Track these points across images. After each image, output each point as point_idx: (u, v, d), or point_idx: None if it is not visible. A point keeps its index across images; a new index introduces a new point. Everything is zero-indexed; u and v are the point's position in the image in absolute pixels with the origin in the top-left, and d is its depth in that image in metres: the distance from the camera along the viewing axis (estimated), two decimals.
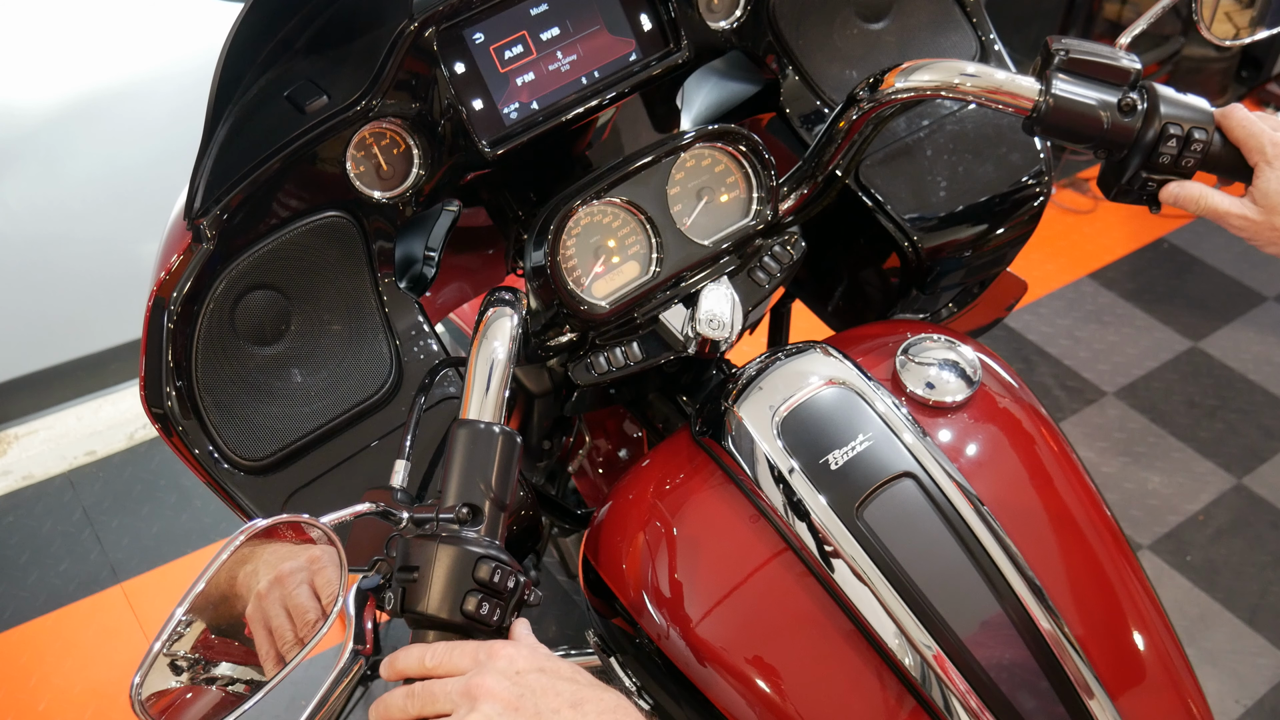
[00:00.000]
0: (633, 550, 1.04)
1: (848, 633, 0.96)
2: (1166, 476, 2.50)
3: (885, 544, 0.96)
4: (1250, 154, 1.01)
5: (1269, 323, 2.92)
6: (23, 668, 2.11)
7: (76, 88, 2.84)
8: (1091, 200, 3.27)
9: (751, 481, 1.01)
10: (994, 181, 1.29)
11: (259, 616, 0.78)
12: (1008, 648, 0.94)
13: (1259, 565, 2.32)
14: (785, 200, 1.19)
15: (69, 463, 2.52)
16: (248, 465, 1.00)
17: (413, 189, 1.06)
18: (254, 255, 0.99)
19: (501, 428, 0.88)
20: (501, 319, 0.95)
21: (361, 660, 0.88)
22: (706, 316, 1.11)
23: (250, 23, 0.93)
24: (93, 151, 2.81)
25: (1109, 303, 2.96)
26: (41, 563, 2.30)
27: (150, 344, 0.96)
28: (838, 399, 1.04)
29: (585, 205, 1.07)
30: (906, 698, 0.94)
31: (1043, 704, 0.93)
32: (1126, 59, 1.03)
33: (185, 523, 2.38)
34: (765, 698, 0.95)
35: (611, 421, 1.53)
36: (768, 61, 1.25)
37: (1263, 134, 1.00)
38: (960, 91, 1.07)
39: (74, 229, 2.78)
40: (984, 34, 1.32)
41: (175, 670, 0.74)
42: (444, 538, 0.82)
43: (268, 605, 0.78)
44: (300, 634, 0.79)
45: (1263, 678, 2.12)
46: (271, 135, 0.99)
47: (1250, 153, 1.01)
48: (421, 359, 1.07)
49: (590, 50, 1.12)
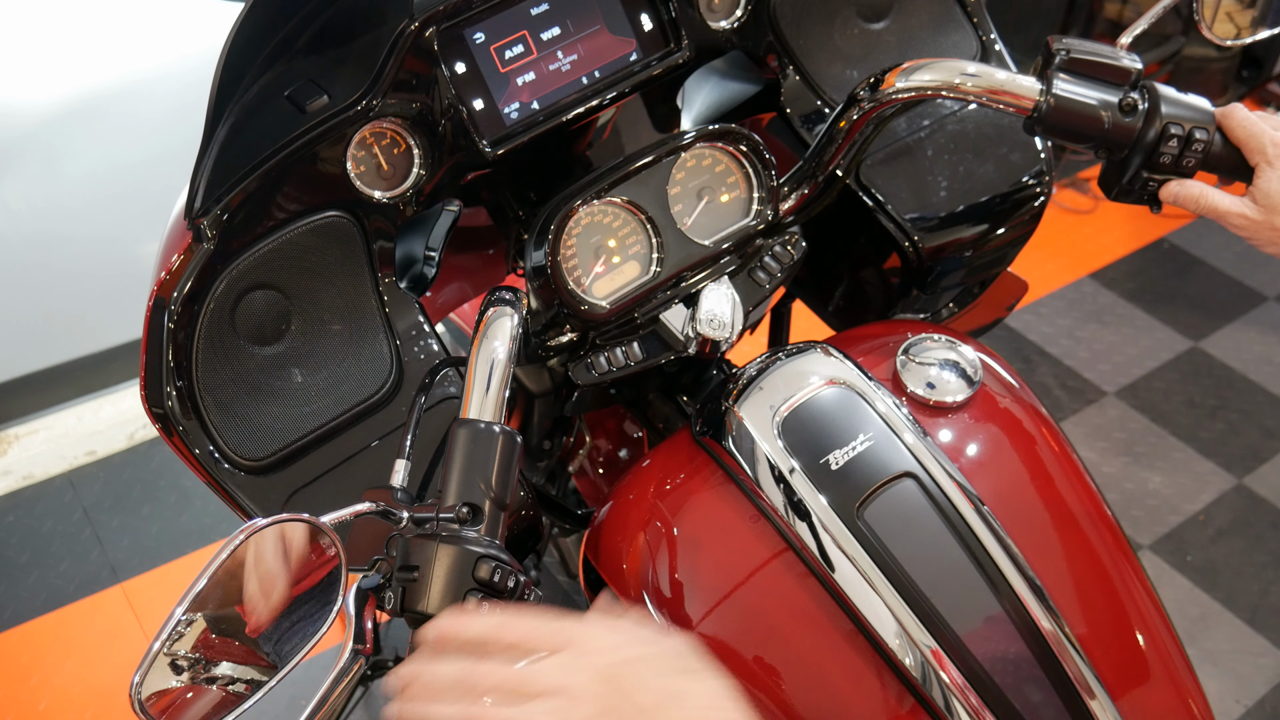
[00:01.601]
0: (633, 550, 1.04)
1: (848, 633, 0.96)
2: (1167, 476, 2.50)
3: (886, 544, 0.96)
4: (1251, 154, 1.01)
5: (1270, 323, 2.92)
6: (23, 668, 2.11)
7: (76, 88, 2.84)
8: (1092, 200, 3.27)
9: (752, 481, 1.01)
10: (995, 181, 1.29)
11: (259, 616, 0.78)
12: (1008, 648, 0.94)
13: (1259, 565, 2.32)
14: (786, 200, 1.19)
15: (69, 463, 2.52)
16: (248, 465, 1.00)
17: (413, 189, 1.06)
18: (254, 255, 0.99)
19: (502, 427, 0.88)
20: (501, 319, 0.95)
21: (361, 660, 0.88)
22: (707, 316, 1.11)
23: (250, 23, 0.93)
24: (93, 151, 2.81)
25: (1109, 303, 2.96)
26: (41, 563, 2.30)
27: (150, 344, 0.96)
28: (838, 399, 1.04)
29: (586, 205, 1.07)
30: (906, 697, 0.94)
31: (1043, 704, 0.93)
32: (1127, 59, 1.03)
33: (185, 523, 2.38)
34: (765, 697, 0.95)
35: (611, 421, 1.53)
36: (768, 61, 1.25)
37: (1263, 134, 1.00)
38: (961, 91, 1.07)
39: (74, 228, 2.78)
40: (985, 34, 1.32)
41: (175, 670, 0.74)
42: (444, 537, 0.82)
43: (268, 605, 0.78)
44: (300, 634, 0.79)
45: (1263, 678, 2.12)
46: (272, 135, 0.99)
47: (1251, 153, 1.01)
48: (422, 359, 1.07)
49: (591, 50, 1.12)
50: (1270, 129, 1.01)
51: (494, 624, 0.71)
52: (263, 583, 0.78)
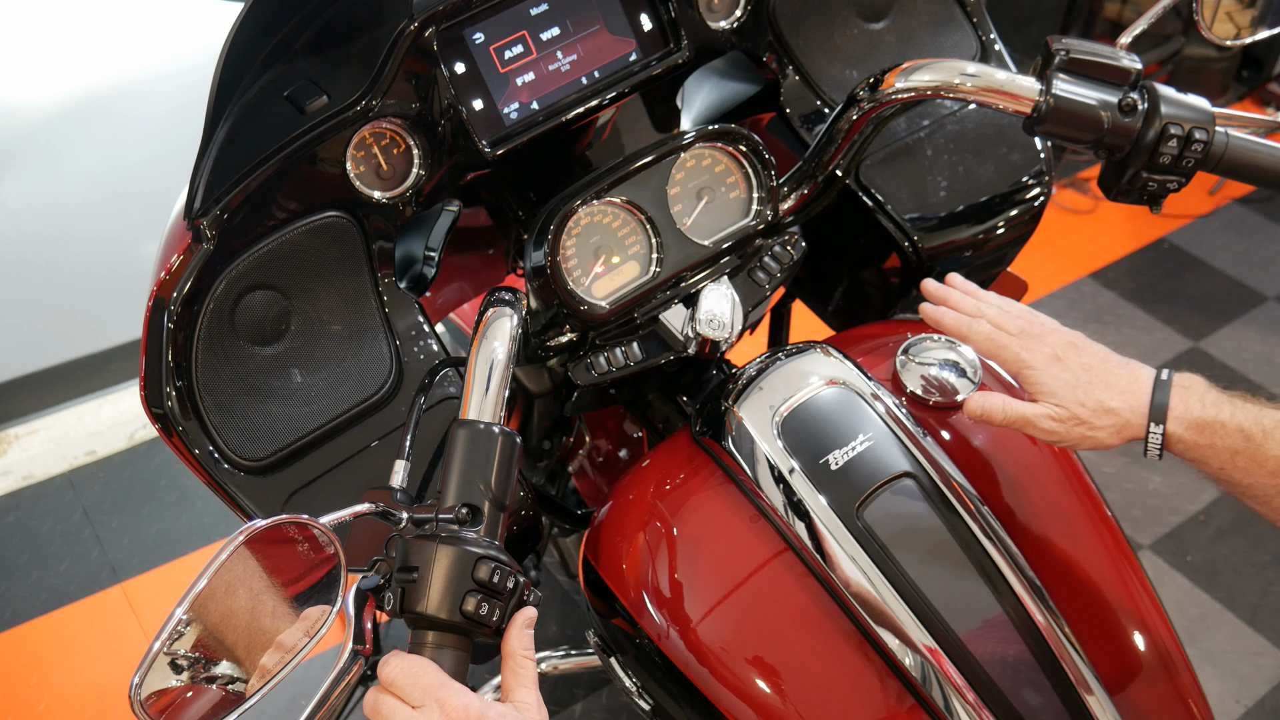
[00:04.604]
0: (633, 550, 1.04)
1: (847, 632, 0.96)
2: (1167, 476, 2.50)
3: (885, 544, 0.96)
4: (1007, 366, 1.00)
5: (1269, 323, 2.92)
6: (23, 668, 2.11)
7: (76, 88, 2.84)
8: (1092, 200, 3.27)
9: (751, 481, 1.01)
10: (994, 181, 1.29)
11: (259, 616, 0.78)
12: (1008, 647, 0.94)
13: (1259, 565, 2.32)
14: (785, 200, 1.19)
15: (69, 463, 2.52)
16: (248, 465, 1.00)
17: (413, 189, 1.06)
18: (254, 255, 0.99)
19: (501, 428, 0.88)
20: (501, 319, 0.95)
21: (361, 660, 0.88)
22: (706, 316, 1.11)
23: (250, 23, 0.93)
24: (93, 151, 2.81)
25: (1109, 303, 2.96)
26: (41, 563, 2.30)
27: (150, 344, 0.96)
28: (838, 399, 1.04)
29: (585, 205, 1.07)
30: (906, 697, 0.94)
31: (1043, 704, 0.93)
32: (1127, 59, 1.03)
33: (185, 523, 2.38)
34: (765, 697, 0.95)
35: (611, 421, 1.53)
36: (768, 61, 1.25)
37: (1005, 348, 0.99)
38: (960, 91, 1.07)
39: (74, 228, 2.78)
40: (984, 34, 1.32)
41: (175, 670, 0.74)
42: (443, 538, 0.82)
43: (268, 605, 0.78)
44: (300, 634, 0.79)
45: (1263, 678, 2.11)
46: (271, 135, 0.99)
47: (1005, 365, 1.00)
48: (421, 359, 1.07)
49: (590, 50, 1.12)
50: (1007, 343, 0.99)
51: (402, 668, 0.78)
52: (262, 583, 0.78)
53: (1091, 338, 1.02)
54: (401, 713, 0.76)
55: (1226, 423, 0.93)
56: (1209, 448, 0.94)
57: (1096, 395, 0.96)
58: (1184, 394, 0.95)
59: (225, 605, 0.75)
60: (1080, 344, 1.00)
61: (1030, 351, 0.98)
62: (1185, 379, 0.96)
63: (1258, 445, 0.92)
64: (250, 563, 0.76)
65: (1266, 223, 3.22)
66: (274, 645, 0.78)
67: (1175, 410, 0.94)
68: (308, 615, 0.79)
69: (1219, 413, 0.93)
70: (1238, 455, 0.93)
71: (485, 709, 0.76)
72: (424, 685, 0.77)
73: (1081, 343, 1.00)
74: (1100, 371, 0.97)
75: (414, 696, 0.76)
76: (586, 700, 2.01)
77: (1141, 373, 0.98)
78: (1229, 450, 0.93)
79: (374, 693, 0.79)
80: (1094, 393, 0.96)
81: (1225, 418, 0.93)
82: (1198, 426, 0.93)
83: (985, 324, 1.02)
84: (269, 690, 0.77)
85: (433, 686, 0.77)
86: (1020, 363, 0.98)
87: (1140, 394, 0.96)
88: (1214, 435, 0.93)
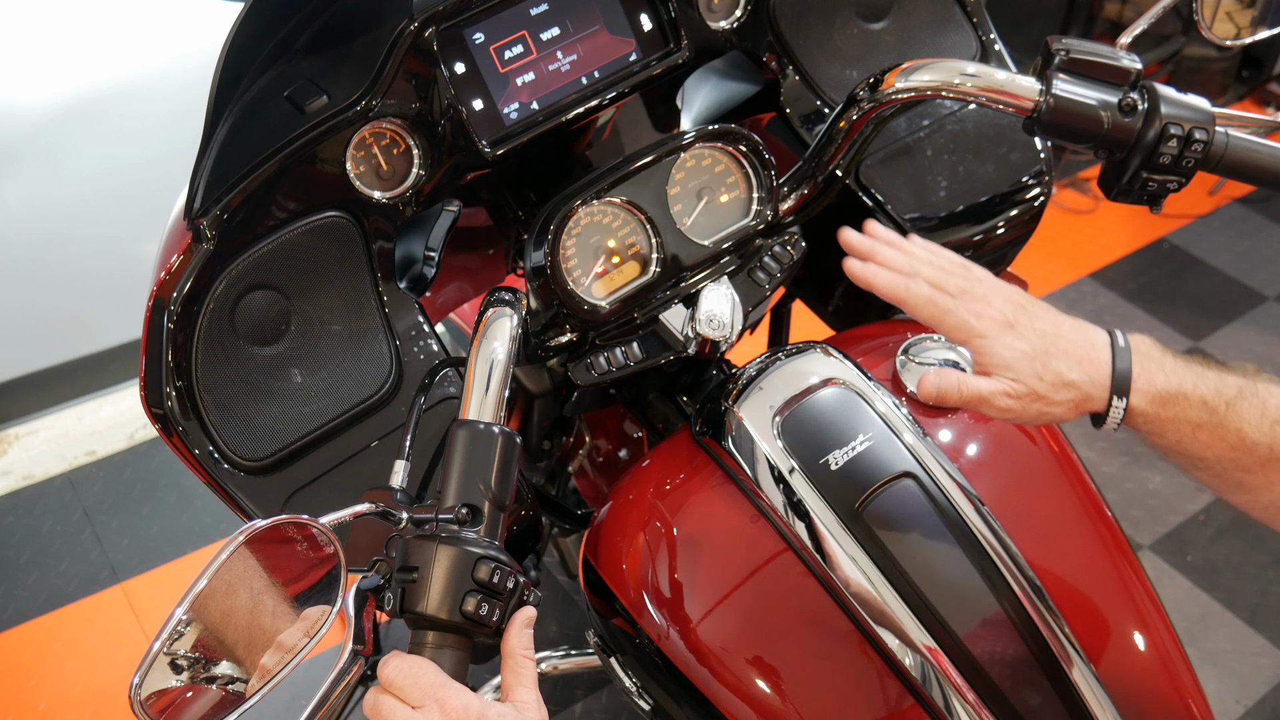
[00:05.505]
0: (633, 550, 1.04)
1: (847, 632, 0.96)
2: (1167, 476, 2.50)
3: (885, 544, 0.96)
4: (953, 335, 0.92)
5: (1269, 323, 2.91)
6: (23, 668, 2.11)
7: (76, 88, 2.83)
8: (1092, 200, 3.27)
9: (751, 482, 1.01)
10: (994, 181, 1.29)
11: (259, 616, 0.78)
12: (1008, 647, 0.94)
13: (1259, 565, 2.32)
14: (785, 200, 1.19)
15: (69, 463, 2.52)
16: (248, 465, 1.00)
17: (413, 189, 1.06)
18: (254, 255, 0.99)
19: (501, 428, 0.88)
20: (501, 319, 0.95)
21: (361, 660, 0.88)
22: (706, 316, 1.11)
23: (250, 23, 0.93)
24: (93, 151, 2.80)
25: (1109, 303, 2.96)
26: (41, 563, 2.30)
27: (150, 344, 0.96)
28: (838, 399, 1.04)
29: (585, 205, 1.07)
30: (906, 697, 0.94)
31: (1042, 703, 0.93)
32: (1127, 59, 1.03)
33: (185, 523, 2.38)
34: (765, 697, 0.95)
35: (611, 421, 1.53)
36: (768, 61, 1.25)
37: (950, 313, 0.91)
38: (960, 91, 1.07)
39: (74, 228, 2.78)
40: (984, 34, 1.32)
41: (175, 670, 0.74)
42: (443, 538, 0.82)
43: (268, 605, 0.78)
44: (300, 634, 0.79)
45: (1263, 678, 2.11)
46: (271, 135, 0.99)
47: (952, 334, 0.92)
48: (421, 359, 1.07)
49: (590, 50, 1.12)
50: (951, 308, 0.91)
51: (401, 668, 0.78)
52: (262, 583, 0.78)
53: None
54: (401, 713, 0.76)
55: (1189, 394, 0.86)
56: (1170, 421, 0.87)
57: (1055, 367, 0.88)
58: (1145, 362, 0.88)
59: (225, 605, 0.76)
60: (1028, 305, 0.92)
61: (979, 318, 0.89)
62: (1141, 343, 0.89)
63: (1220, 419, 0.86)
64: (250, 563, 0.76)
65: (1266, 223, 3.22)
66: (274, 645, 0.78)
67: (1138, 382, 0.87)
68: (308, 615, 0.79)
69: (1181, 383, 0.86)
70: (1199, 429, 0.86)
71: (485, 709, 0.76)
72: (424, 685, 0.77)
73: (1029, 303, 0.92)
74: (1054, 337, 0.89)
75: (414, 697, 0.76)
76: (586, 700, 2.01)
77: (1097, 337, 0.90)
78: (1190, 423, 0.86)
79: (374, 693, 0.79)
80: (1051, 364, 0.88)
81: (1188, 388, 0.87)
82: (1161, 399, 0.86)
83: (923, 284, 0.93)
84: (269, 690, 0.77)
85: (433, 687, 0.77)
86: (969, 331, 0.90)
87: (1100, 363, 0.88)
88: (1176, 408, 0.86)
